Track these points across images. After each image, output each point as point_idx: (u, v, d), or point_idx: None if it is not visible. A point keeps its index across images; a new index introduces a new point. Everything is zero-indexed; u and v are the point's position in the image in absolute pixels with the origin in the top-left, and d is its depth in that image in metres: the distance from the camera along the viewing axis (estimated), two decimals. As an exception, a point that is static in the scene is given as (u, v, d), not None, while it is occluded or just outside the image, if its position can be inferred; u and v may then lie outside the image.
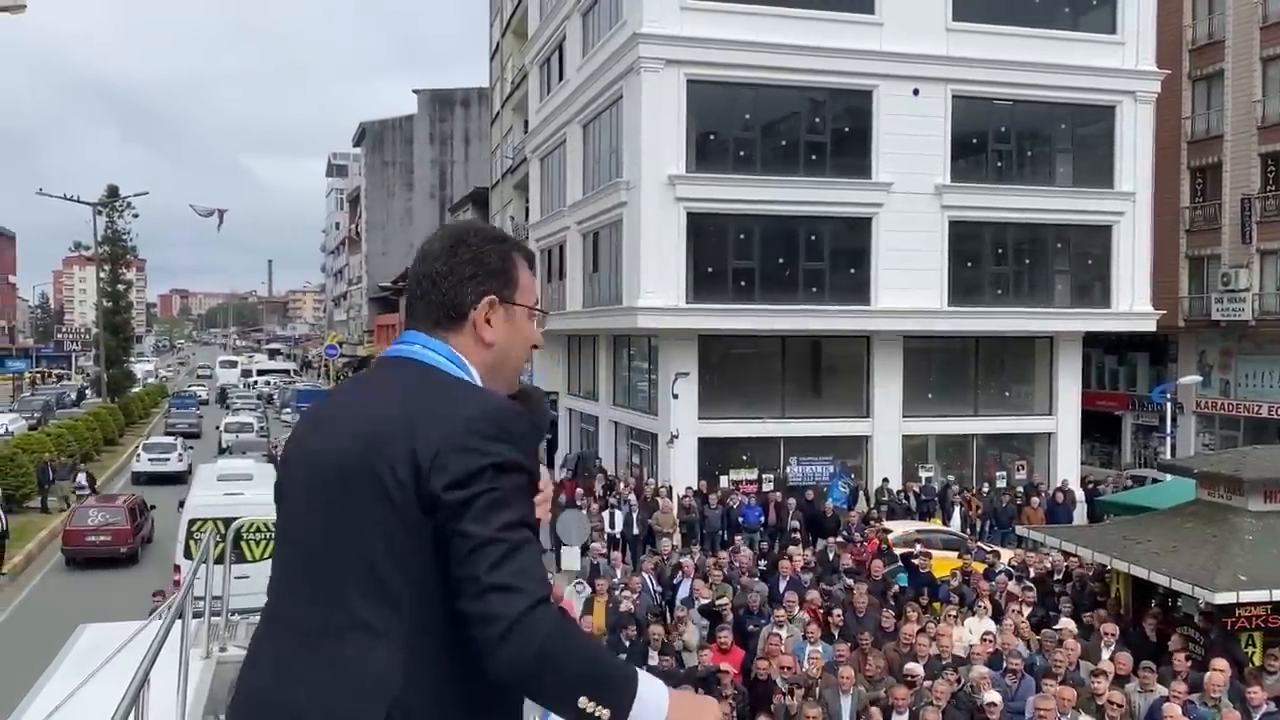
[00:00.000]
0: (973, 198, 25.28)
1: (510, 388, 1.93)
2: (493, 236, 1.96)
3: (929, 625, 11.67)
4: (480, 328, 1.88)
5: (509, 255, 1.94)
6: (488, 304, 1.88)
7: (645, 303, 23.54)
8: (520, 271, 1.94)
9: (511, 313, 1.91)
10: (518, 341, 1.93)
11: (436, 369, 1.82)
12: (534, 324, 1.98)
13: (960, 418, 26.59)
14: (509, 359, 1.92)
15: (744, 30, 23.56)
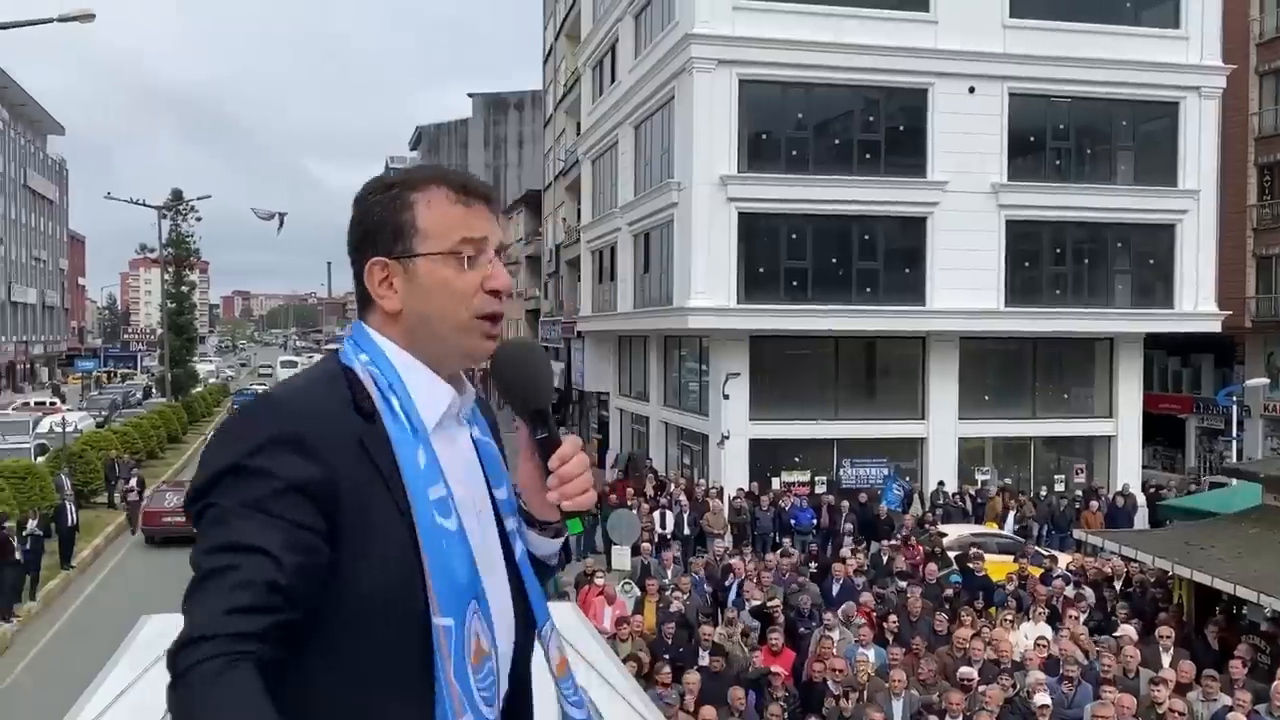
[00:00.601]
0: (1031, 196, 24.87)
1: (466, 354, 1.58)
2: (386, 184, 1.59)
3: (983, 630, 11.52)
4: (378, 298, 1.55)
5: (398, 199, 1.55)
6: (372, 269, 1.55)
7: (696, 303, 23.51)
8: (421, 212, 1.54)
9: (412, 268, 1.53)
10: (438, 298, 1.53)
11: (327, 358, 1.60)
12: (465, 266, 1.54)
13: (1018, 420, 26.18)
14: (434, 321, 1.54)
15: (797, 29, 23.44)
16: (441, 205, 1.55)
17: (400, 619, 1.44)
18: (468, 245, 1.54)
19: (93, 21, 21.40)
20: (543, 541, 1.73)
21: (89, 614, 17.89)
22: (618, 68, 30.90)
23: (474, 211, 1.57)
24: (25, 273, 72.02)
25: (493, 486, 1.67)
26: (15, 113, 69.08)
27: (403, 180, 1.59)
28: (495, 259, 1.58)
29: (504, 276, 1.58)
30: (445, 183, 1.57)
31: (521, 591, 1.66)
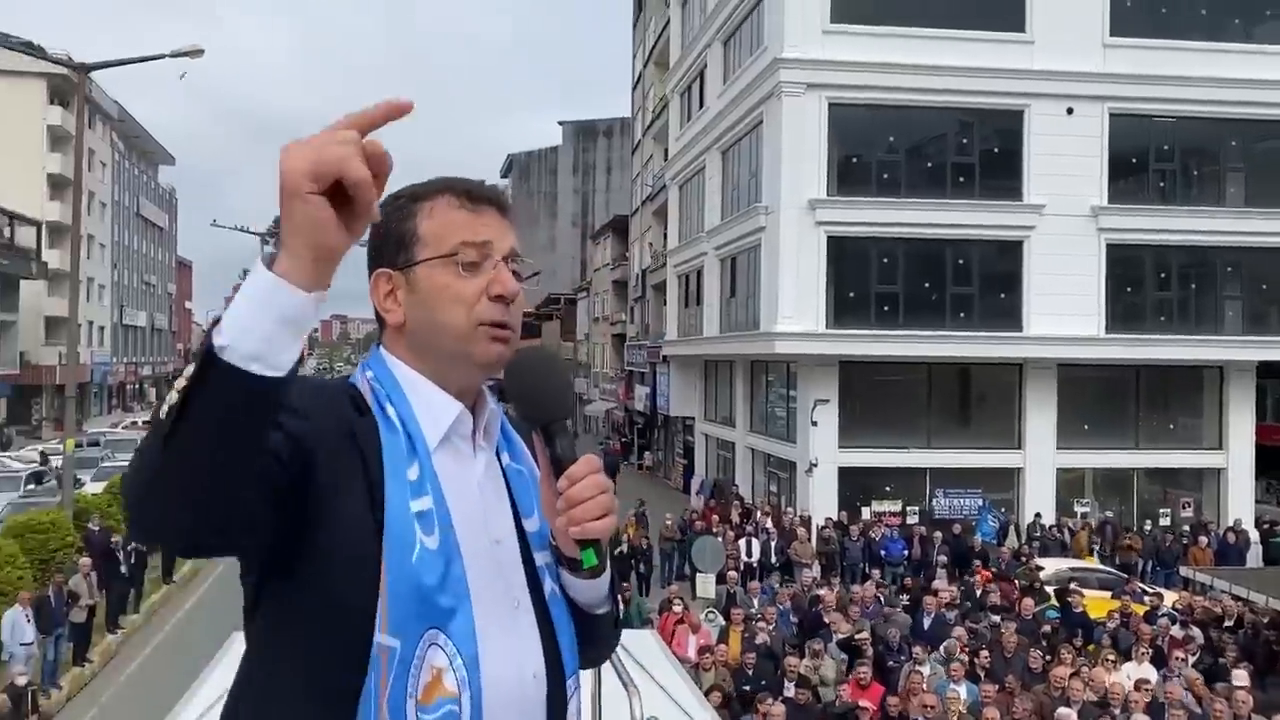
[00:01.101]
0: (1133, 219, 24.08)
1: (473, 363, 1.48)
2: (393, 195, 1.52)
3: (1083, 669, 11.05)
4: (383, 312, 1.50)
5: (404, 209, 1.50)
6: (377, 282, 1.50)
7: (783, 328, 23.29)
8: (423, 220, 1.48)
9: (414, 278, 1.47)
10: (437, 305, 1.46)
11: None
12: (464, 270, 1.46)
13: (1120, 450, 25.22)
14: (436, 331, 1.46)
15: (887, 52, 23.19)
16: (444, 212, 1.49)
17: (343, 623, 1.34)
18: (469, 249, 1.46)
19: (201, 57, 22.30)
20: (579, 584, 1.53)
21: (188, 627, 18.41)
22: (706, 93, 30.98)
23: (480, 217, 1.50)
24: (136, 297, 75.23)
25: (522, 516, 1.55)
26: (130, 144, 72.47)
27: (410, 191, 1.53)
28: (502, 264, 1.49)
29: (510, 281, 1.48)
30: (450, 190, 1.51)
31: (551, 633, 1.51)
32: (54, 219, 53.32)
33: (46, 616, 14.41)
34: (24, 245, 51.69)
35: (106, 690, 15.60)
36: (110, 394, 69.38)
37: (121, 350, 70.64)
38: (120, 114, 67.33)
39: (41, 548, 17.09)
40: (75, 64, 23.08)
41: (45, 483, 28.32)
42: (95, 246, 62.56)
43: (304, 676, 1.36)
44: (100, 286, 64.75)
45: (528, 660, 1.46)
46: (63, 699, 14.79)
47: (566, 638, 1.53)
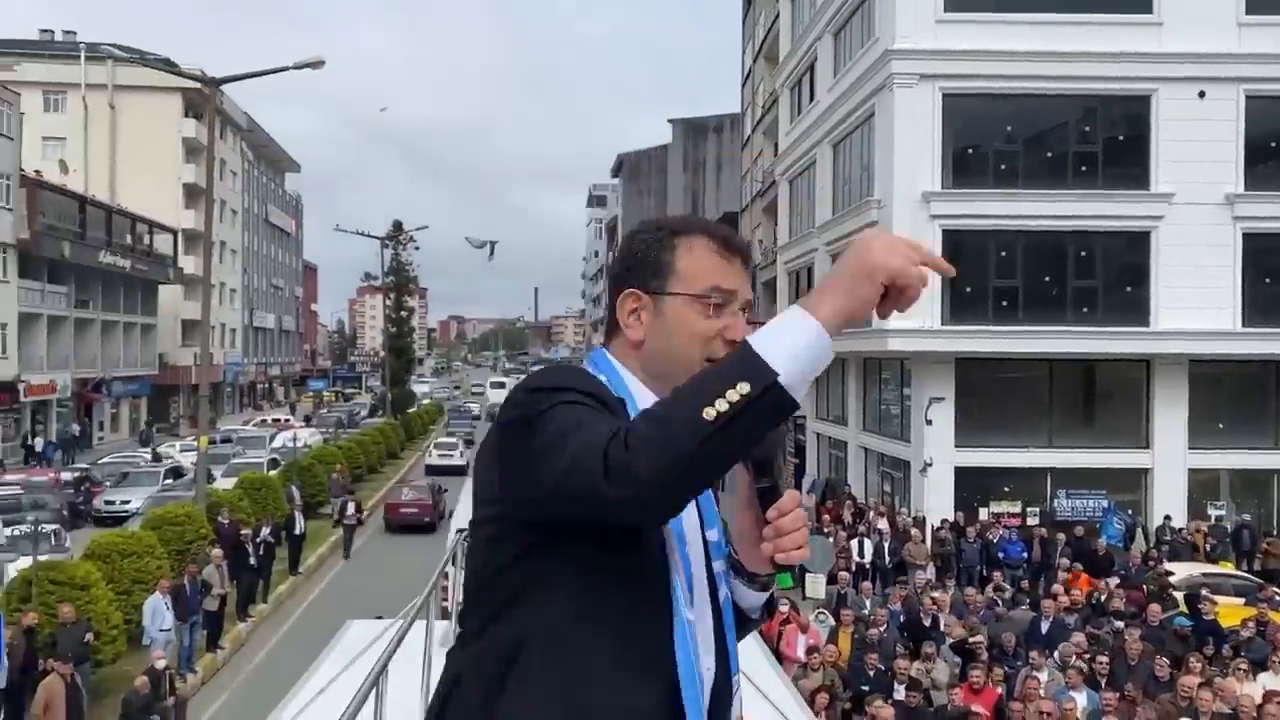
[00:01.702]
0: (1272, 207, 22.82)
1: None
2: (655, 225, 1.72)
3: (1214, 678, 10.53)
4: (624, 326, 1.68)
5: (666, 240, 1.67)
6: (625, 299, 1.67)
7: (897, 324, 22.84)
8: (681, 256, 1.65)
9: (661, 305, 1.64)
10: (678, 336, 1.63)
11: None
12: (710, 312, 1.62)
13: (1259, 450, 23.91)
14: (672, 357, 1.63)
15: (1003, 40, 22.52)
16: (702, 253, 1.66)
17: (645, 607, 1.54)
18: (717, 293, 1.64)
19: (322, 68, 23.14)
20: (748, 593, 1.75)
21: (312, 617, 19.13)
22: (816, 87, 30.63)
23: (730, 266, 1.67)
24: (265, 299, 78.54)
25: (705, 527, 1.70)
26: (259, 153, 75.70)
27: (671, 224, 1.72)
28: (739, 314, 1.66)
29: (744, 330, 1.63)
30: (709, 234, 1.68)
31: (722, 635, 1.68)
32: (189, 226, 56.11)
33: (182, 604, 15.19)
34: (162, 252, 54.59)
35: (237, 676, 16.36)
36: (241, 393, 72.62)
37: (251, 351, 73.85)
38: (249, 124, 70.42)
39: (177, 539, 17.99)
40: (207, 79, 24.23)
41: (182, 477, 29.84)
42: (227, 252, 65.60)
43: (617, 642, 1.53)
44: (231, 290, 67.85)
45: (705, 654, 1.64)
46: (197, 683, 15.57)
47: (733, 638, 1.71)
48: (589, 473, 1.35)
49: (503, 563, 1.57)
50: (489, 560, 1.60)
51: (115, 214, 48.72)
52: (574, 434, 1.41)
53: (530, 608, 1.55)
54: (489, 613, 1.60)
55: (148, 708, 12.37)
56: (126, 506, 26.60)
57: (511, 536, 1.56)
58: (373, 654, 4.05)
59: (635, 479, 1.32)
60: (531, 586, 1.55)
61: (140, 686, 12.35)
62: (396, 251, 55.54)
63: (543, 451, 1.44)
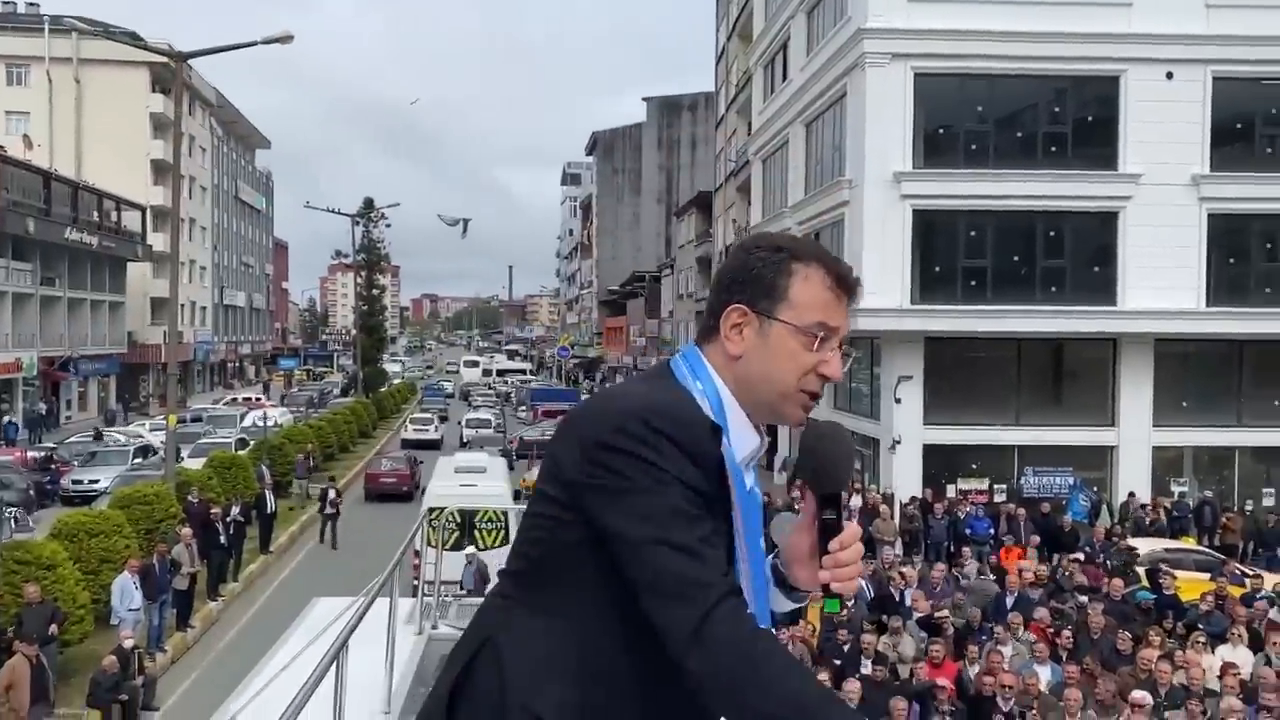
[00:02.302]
0: (1237, 188, 23.10)
1: (782, 416, 1.73)
2: (775, 245, 1.73)
3: (1174, 652, 10.74)
4: (725, 337, 1.70)
5: (783, 264, 1.69)
6: (731, 312, 1.70)
7: (867, 304, 22.95)
8: (796, 284, 1.68)
9: (767, 326, 1.67)
10: (777, 361, 1.67)
11: (668, 372, 1.73)
12: (813, 346, 1.66)
13: (1221, 428, 24.30)
14: (766, 380, 1.68)
15: (975, 19, 22.60)
16: (817, 286, 1.69)
17: None
18: (823, 329, 1.67)
19: (292, 42, 22.85)
20: (783, 599, 1.81)
21: (283, 595, 19.09)
22: (789, 66, 30.61)
23: (840, 303, 1.71)
24: (235, 277, 77.77)
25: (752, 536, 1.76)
26: (228, 129, 74.73)
27: (792, 248, 1.73)
28: (837, 349, 1.71)
29: (839, 367, 1.70)
30: (827, 268, 1.71)
31: None
32: (158, 203, 55.38)
33: (152, 584, 15.12)
34: (130, 229, 53.86)
35: (207, 654, 16.32)
36: (212, 372, 71.99)
37: (222, 329, 73.18)
38: (219, 100, 69.45)
39: (146, 518, 17.87)
40: (174, 53, 23.90)
41: (151, 457, 29.60)
42: (196, 229, 64.84)
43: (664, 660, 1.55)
44: (201, 268, 67.12)
45: None
46: (167, 661, 15.52)
47: None
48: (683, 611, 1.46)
49: (570, 539, 1.62)
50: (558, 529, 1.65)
51: (81, 190, 47.98)
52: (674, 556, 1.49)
53: (592, 594, 1.62)
54: (548, 580, 1.66)
55: (116, 687, 12.33)
56: (95, 486, 26.38)
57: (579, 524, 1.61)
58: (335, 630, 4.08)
59: (712, 675, 1.44)
60: (599, 574, 1.59)
61: (109, 666, 12.30)
62: (368, 229, 55.19)
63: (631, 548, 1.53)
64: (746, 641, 1.44)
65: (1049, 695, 9.55)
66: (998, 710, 9.39)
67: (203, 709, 5.59)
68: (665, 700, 1.63)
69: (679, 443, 1.55)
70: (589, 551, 1.61)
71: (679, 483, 1.54)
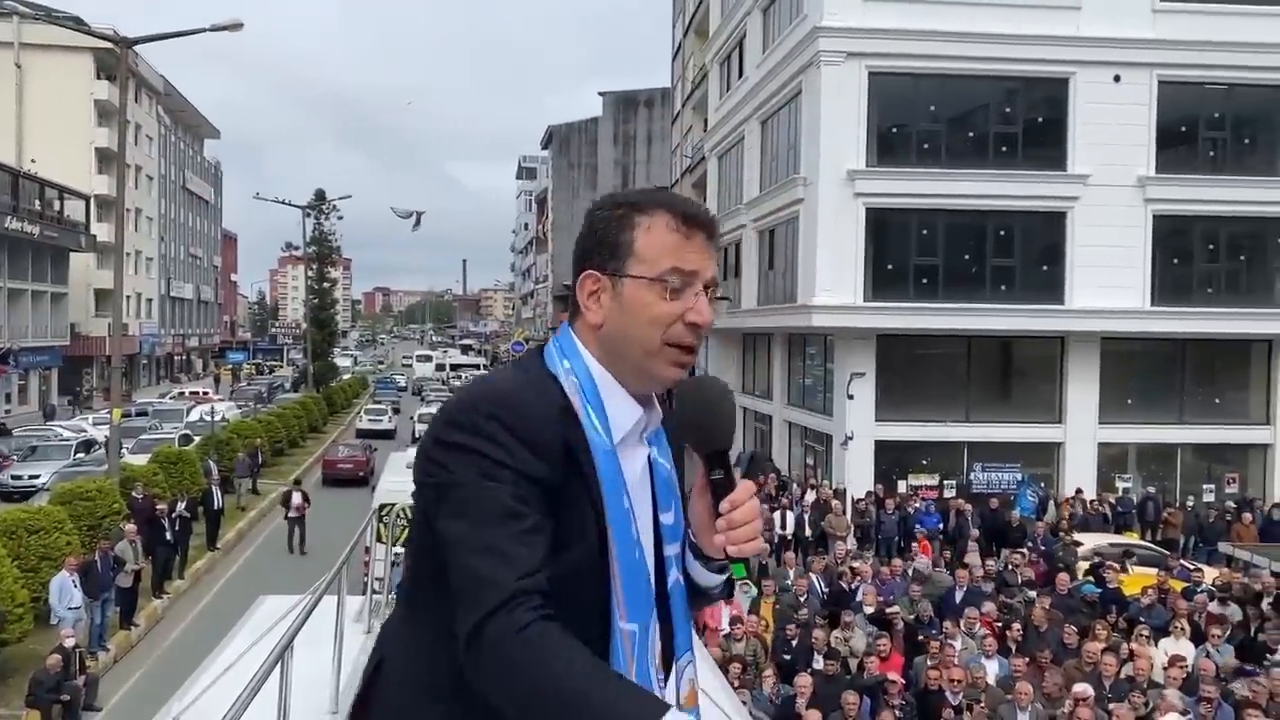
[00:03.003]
0: (1181, 190, 23.56)
1: (655, 376, 1.61)
2: (615, 202, 1.65)
3: (1121, 645, 10.94)
4: (584, 308, 1.62)
5: (625, 219, 1.60)
6: (585, 280, 1.62)
7: (821, 301, 23.14)
8: (640, 235, 1.58)
9: (620, 286, 1.58)
10: (636, 319, 1.57)
11: (537, 357, 1.67)
12: (668, 294, 1.56)
13: (1164, 425, 24.81)
14: (629, 341, 1.58)
15: (929, 19, 22.81)
16: (660, 232, 1.59)
17: (583, 619, 1.49)
18: (675, 275, 1.57)
19: (241, 30, 22.47)
20: (706, 573, 1.72)
21: (231, 593, 18.78)
22: (745, 63, 30.70)
23: (691, 243, 1.60)
24: (183, 269, 76.39)
25: (660, 510, 1.68)
26: (175, 118, 73.33)
27: (632, 202, 1.64)
28: (702, 293, 1.60)
29: (706, 312, 1.59)
30: (670, 210, 1.60)
31: (668, 618, 1.67)
32: (102, 192, 54.19)
33: (94, 581, 14.78)
34: (73, 219, 52.66)
35: (152, 653, 16.00)
36: (158, 365, 70.67)
37: (169, 322, 71.86)
38: (166, 88, 68.13)
39: (89, 515, 17.48)
40: (120, 38, 23.34)
41: (94, 452, 28.97)
42: (142, 220, 63.56)
43: None
44: (147, 259, 65.82)
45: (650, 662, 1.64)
46: (110, 661, 15.20)
47: (682, 621, 1.70)
48: (467, 613, 1.38)
49: (429, 544, 1.53)
50: (424, 533, 1.55)
51: (22, 178, 46.79)
52: (477, 556, 1.40)
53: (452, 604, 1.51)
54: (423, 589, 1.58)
55: (57, 687, 12.05)
56: (35, 481, 25.78)
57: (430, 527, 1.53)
58: (282, 629, 4.00)
59: (480, 672, 1.36)
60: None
61: (51, 665, 12.03)
62: (319, 221, 54.46)
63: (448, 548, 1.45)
64: (515, 644, 1.33)
65: (996, 689, 9.68)
66: (946, 704, 9.50)
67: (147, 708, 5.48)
68: None
69: (514, 429, 1.47)
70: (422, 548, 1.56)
71: (511, 472, 1.45)
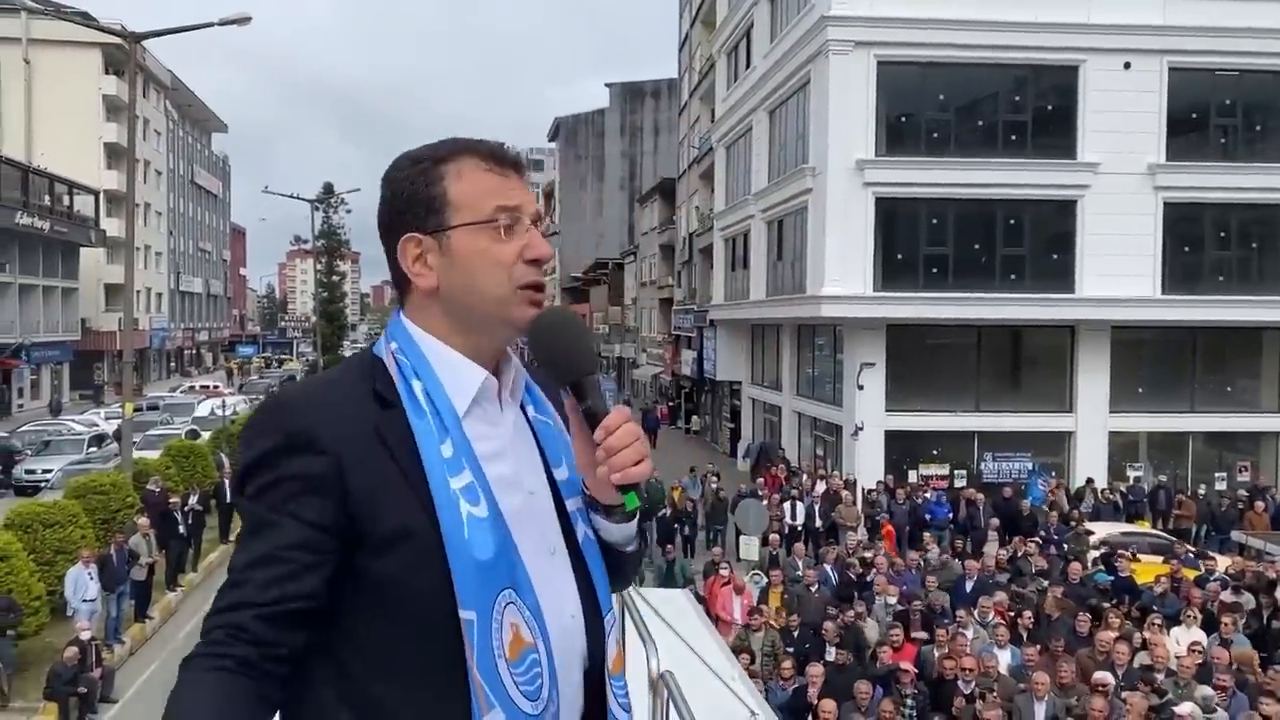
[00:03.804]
0: (1192, 177, 23.45)
1: (511, 322, 1.51)
2: (412, 158, 1.53)
3: (1134, 634, 10.94)
4: (413, 275, 1.50)
5: (429, 173, 1.50)
6: (405, 245, 1.50)
7: (830, 291, 23.10)
8: (452, 184, 1.49)
9: (446, 241, 1.48)
10: (476, 268, 1.48)
11: (361, 351, 1.61)
12: (502, 234, 1.48)
13: (1175, 414, 24.74)
14: (474, 293, 1.49)
15: (938, 8, 22.70)
16: (473, 175, 1.50)
17: (424, 611, 1.40)
18: (504, 213, 1.49)
19: (249, 24, 22.46)
20: (611, 526, 1.61)
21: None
22: (753, 53, 30.61)
23: (508, 180, 1.52)
24: (192, 263, 76.57)
25: (551, 466, 1.60)
26: (183, 113, 73.44)
27: (430, 154, 1.52)
28: (532, 228, 1.52)
29: (543, 245, 1.52)
30: (474, 152, 1.51)
31: (586, 577, 1.58)
32: (111, 187, 54.27)
33: (109, 574, 14.87)
34: (83, 214, 52.81)
35: (166, 645, 16.10)
36: (168, 359, 70.92)
37: (178, 316, 72.07)
38: (173, 82, 68.21)
39: (103, 508, 17.56)
40: (128, 33, 23.36)
41: (106, 446, 29.10)
42: (151, 214, 63.70)
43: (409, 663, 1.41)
44: (156, 254, 65.99)
45: (566, 603, 1.54)
46: (125, 653, 15.29)
47: (600, 577, 1.59)
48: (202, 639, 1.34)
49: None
50: None
51: (32, 174, 46.93)
52: (230, 591, 1.34)
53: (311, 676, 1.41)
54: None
55: (74, 680, 12.14)
56: (48, 476, 25.90)
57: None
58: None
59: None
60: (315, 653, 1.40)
61: (69, 658, 12.11)
62: (327, 214, 54.54)
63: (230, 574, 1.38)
64: (176, 684, 1.32)
65: (1009, 678, 9.69)
66: (959, 693, 9.51)
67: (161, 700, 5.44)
68: None
69: (289, 432, 1.39)
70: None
71: (282, 494, 1.38)
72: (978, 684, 9.55)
